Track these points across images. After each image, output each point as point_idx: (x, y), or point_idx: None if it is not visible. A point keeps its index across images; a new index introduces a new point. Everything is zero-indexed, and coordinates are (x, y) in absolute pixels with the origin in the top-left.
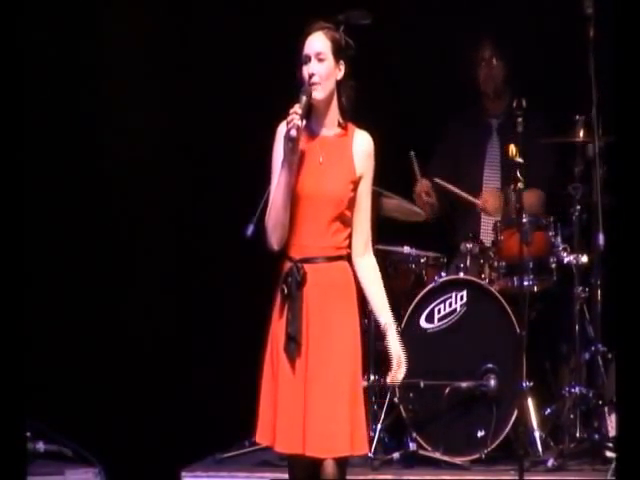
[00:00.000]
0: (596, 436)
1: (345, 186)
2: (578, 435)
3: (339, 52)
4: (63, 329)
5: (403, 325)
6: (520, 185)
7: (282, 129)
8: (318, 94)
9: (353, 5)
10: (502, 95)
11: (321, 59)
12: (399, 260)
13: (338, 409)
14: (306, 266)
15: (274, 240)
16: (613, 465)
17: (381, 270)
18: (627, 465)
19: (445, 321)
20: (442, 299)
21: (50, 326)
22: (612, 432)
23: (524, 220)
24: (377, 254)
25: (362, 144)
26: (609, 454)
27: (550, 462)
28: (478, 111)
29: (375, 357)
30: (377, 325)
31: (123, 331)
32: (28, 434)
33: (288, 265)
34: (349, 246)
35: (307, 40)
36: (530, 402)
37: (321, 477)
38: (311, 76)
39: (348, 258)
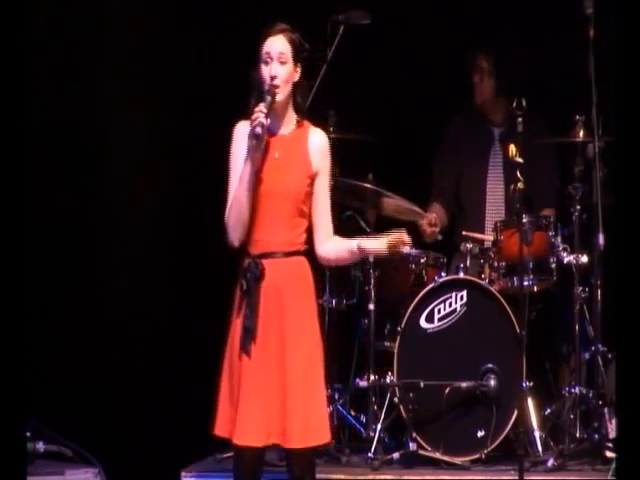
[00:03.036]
0: (596, 436)
1: (301, 180)
2: (578, 435)
3: (298, 55)
4: (63, 329)
5: (403, 325)
6: (520, 185)
7: (241, 128)
8: (279, 96)
9: (353, 5)
10: (496, 107)
11: (283, 62)
12: (399, 260)
13: (294, 401)
14: (264, 261)
15: (235, 237)
16: (613, 465)
17: (381, 270)
18: (627, 465)
19: (445, 321)
20: (442, 299)
21: (50, 326)
22: (612, 434)
23: (524, 220)
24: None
25: (317, 140)
26: (609, 454)
27: (550, 462)
28: (479, 116)
29: (375, 357)
30: (377, 325)
31: (123, 331)
32: (28, 434)
33: (246, 261)
34: (307, 242)
35: (268, 41)
36: (530, 402)
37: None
38: (273, 78)
39: (305, 253)
